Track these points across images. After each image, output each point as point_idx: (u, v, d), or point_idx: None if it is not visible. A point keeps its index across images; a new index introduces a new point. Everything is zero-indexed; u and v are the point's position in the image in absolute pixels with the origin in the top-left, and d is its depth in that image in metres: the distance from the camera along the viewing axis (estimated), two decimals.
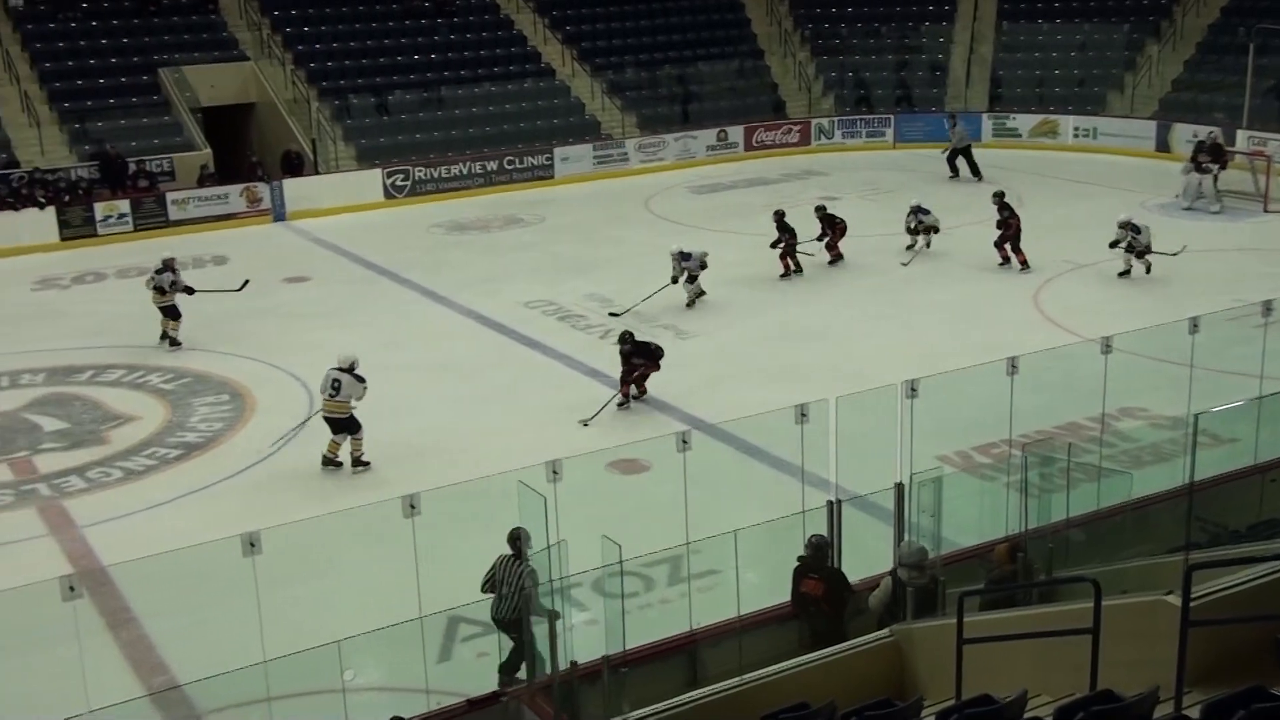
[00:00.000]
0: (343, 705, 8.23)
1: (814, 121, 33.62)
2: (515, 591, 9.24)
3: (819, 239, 21.74)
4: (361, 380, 14.10)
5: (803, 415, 10.19)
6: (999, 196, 21.45)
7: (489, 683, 8.70)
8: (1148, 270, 20.05)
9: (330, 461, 14.13)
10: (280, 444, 14.71)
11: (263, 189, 27.25)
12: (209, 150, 28.16)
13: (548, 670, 8.40)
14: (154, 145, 27.86)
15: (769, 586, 9.79)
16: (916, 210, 22.07)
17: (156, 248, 24.78)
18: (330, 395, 14.06)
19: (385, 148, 29.65)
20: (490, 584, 9.47)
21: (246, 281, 19.83)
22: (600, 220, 26.39)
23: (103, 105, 28.34)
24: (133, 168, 26.80)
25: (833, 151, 31.68)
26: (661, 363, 15.85)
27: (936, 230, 22.05)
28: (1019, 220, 21.14)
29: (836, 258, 21.80)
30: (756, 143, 32.93)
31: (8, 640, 9.70)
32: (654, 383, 16.10)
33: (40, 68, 28.68)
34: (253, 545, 8.74)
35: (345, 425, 14.08)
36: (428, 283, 21.72)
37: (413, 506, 9.12)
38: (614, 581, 8.71)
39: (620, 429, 14.76)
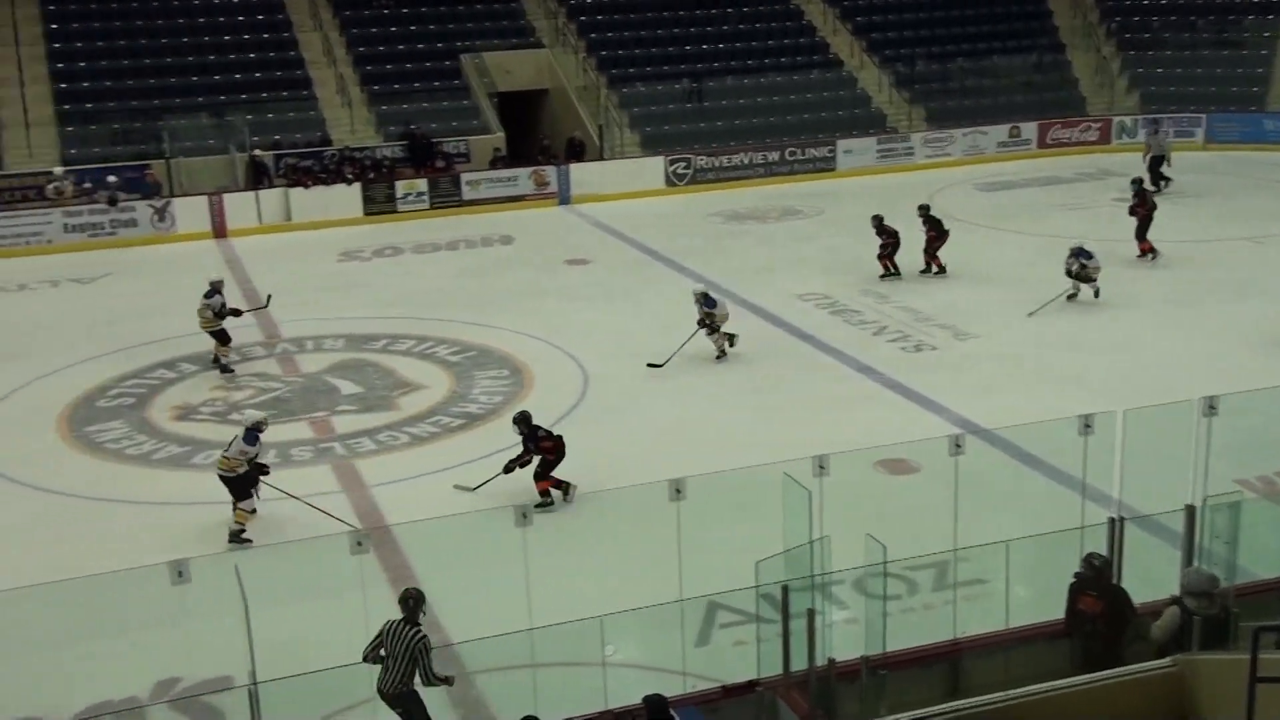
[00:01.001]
0: (602, 679, 8.41)
1: (1115, 119, 32.02)
2: (405, 660, 8.37)
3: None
4: (252, 444, 12.48)
5: (1086, 426, 9.72)
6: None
7: (745, 670, 8.70)
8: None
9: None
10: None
11: (550, 172, 28.15)
12: (502, 134, 29.33)
13: (805, 665, 8.33)
14: (452, 128, 29.24)
15: (1039, 602, 9.40)
16: (1078, 253, 19.07)
17: (451, 225, 26.12)
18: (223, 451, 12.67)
19: (668, 136, 30.10)
20: (376, 652, 8.52)
21: (269, 296, 18.94)
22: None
23: (409, 89, 29.95)
24: (441, 148, 28.26)
25: (1134, 151, 30.05)
26: (556, 456, 12.89)
27: (1093, 280, 19.00)
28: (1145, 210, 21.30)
29: (932, 266, 20.94)
30: (1051, 140, 31.66)
31: (304, 585, 10.40)
32: (928, 382, 15.72)
33: (355, 52, 30.56)
34: (525, 517, 9.05)
35: (232, 486, 12.43)
36: (704, 270, 21.91)
37: (678, 491, 9.22)
38: (876, 582, 8.55)
39: (889, 429, 14.47)
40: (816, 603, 8.29)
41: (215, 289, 17.47)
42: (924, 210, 21.46)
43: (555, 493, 12.86)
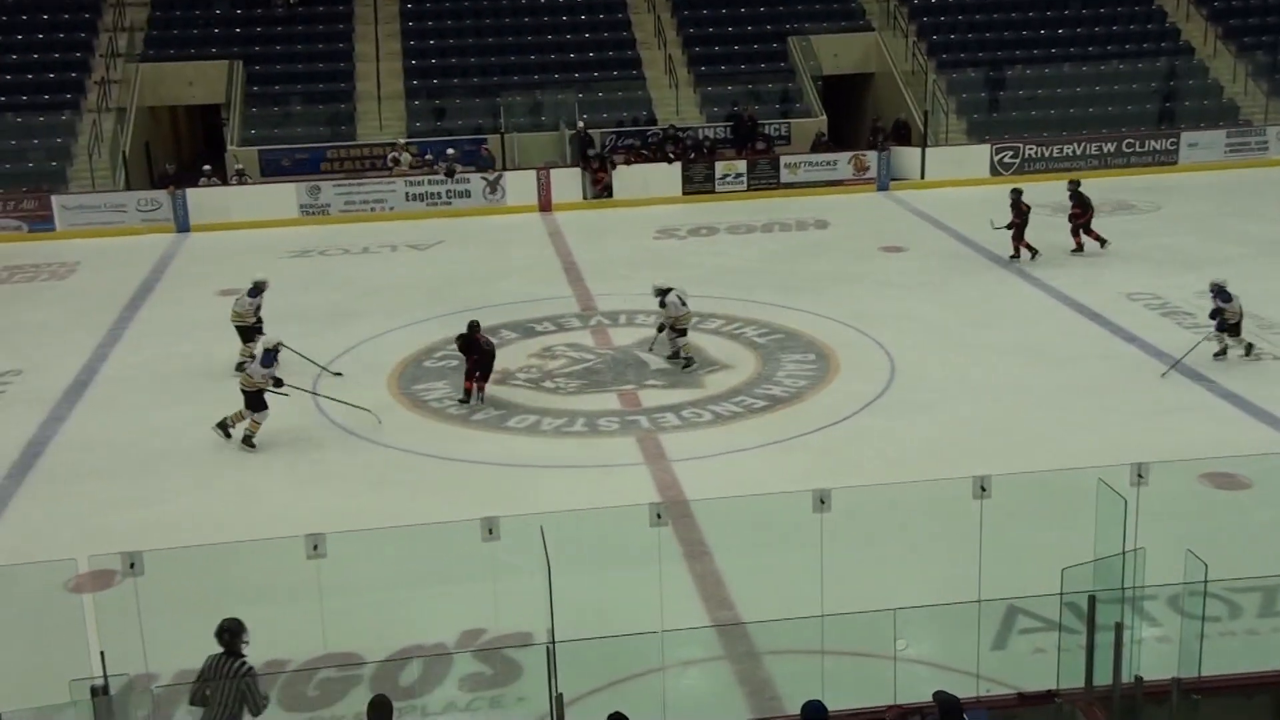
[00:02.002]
0: (892, 672, 8.24)
1: None
2: (233, 697, 7.92)
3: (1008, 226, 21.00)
4: (269, 365, 14.56)
5: None
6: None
7: (1043, 679, 8.31)
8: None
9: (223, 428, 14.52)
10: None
11: (870, 158, 27.71)
12: (824, 117, 29.11)
13: (1109, 680, 7.88)
14: (774, 110, 29.27)
15: None
16: (1217, 292, 15.84)
17: (767, 208, 26.16)
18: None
19: (997, 123, 29.05)
20: (202, 692, 8.05)
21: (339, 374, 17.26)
22: (1225, 213, 24.14)
23: (735, 70, 30.20)
24: (762, 130, 28.39)
25: None
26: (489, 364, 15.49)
27: (1236, 331, 15.79)
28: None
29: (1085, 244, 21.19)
30: None
31: (604, 552, 10.69)
32: (1269, 395, 14.53)
33: (684, 33, 31.06)
34: (822, 502, 8.96)
35: (251, 402, 14.43)
36: (1026, 263, 21.06)
37: (983, 489, 8.90)
38: (1194, 601, 7.98)
39: (1216, 441, 13.45)
40: (1126, 616, 7.81)
41: (259, 288, 17.26)
42: (1073, 186, 21.50)
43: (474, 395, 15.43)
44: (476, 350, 15.61)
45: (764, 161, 27.69)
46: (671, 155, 27.48)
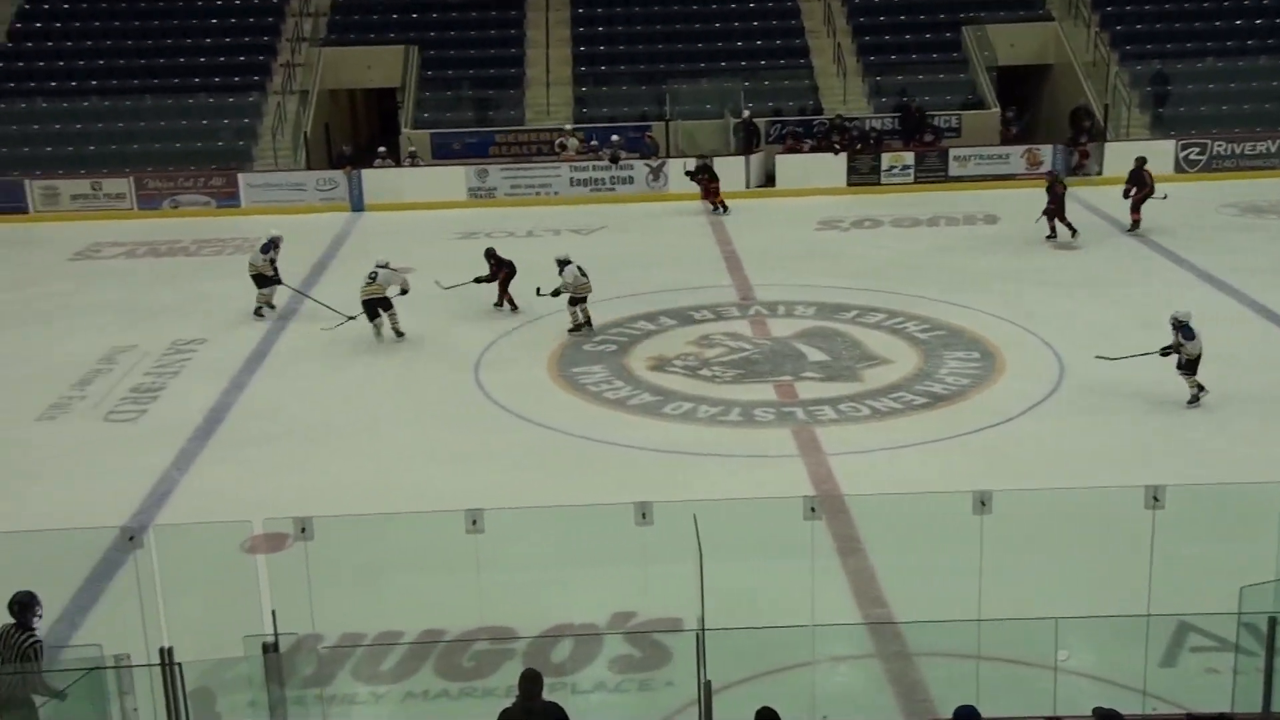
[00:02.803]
0: (1051, 683, 8.03)
1: None
2: (12, 670, 7.87)
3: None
4: (266, 252, 18.86)
5: None
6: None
7: (1215, 701, 7.99)
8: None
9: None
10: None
11: (1045, 151, 26.92)
12: (998, 109, 28.39)
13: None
14: (946, 101, 28.67)
15: None
16: (1179, 326, 14.53)
17: (934, 201, 25.67)
18: (369, 283, 17.60)
19: (1183, 118, 27.90)
20: None
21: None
22: None
23: (905, 60, 29.69)
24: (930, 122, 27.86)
25: None
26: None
27: (1192, 370, 14.43)
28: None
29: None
30: None
31: (757, 542, 10.67)
32: None
33: (855, 22, 30.65)
34: (983, 504, 8.77)
35: (381, 303, 17.59)
36: (1207, 265, 20.20)
37: (1155, 499, 8.60)
38: None
39: None
40: None
41: (272, 243, 19.33)
42: (1141, 162, 22.10)
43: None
44: (507, 266, 18.91)
45: (932, 154, 27.16)
46: (837, 146, 27.17)
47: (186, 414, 15.31)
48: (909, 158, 27.07)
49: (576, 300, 17.87)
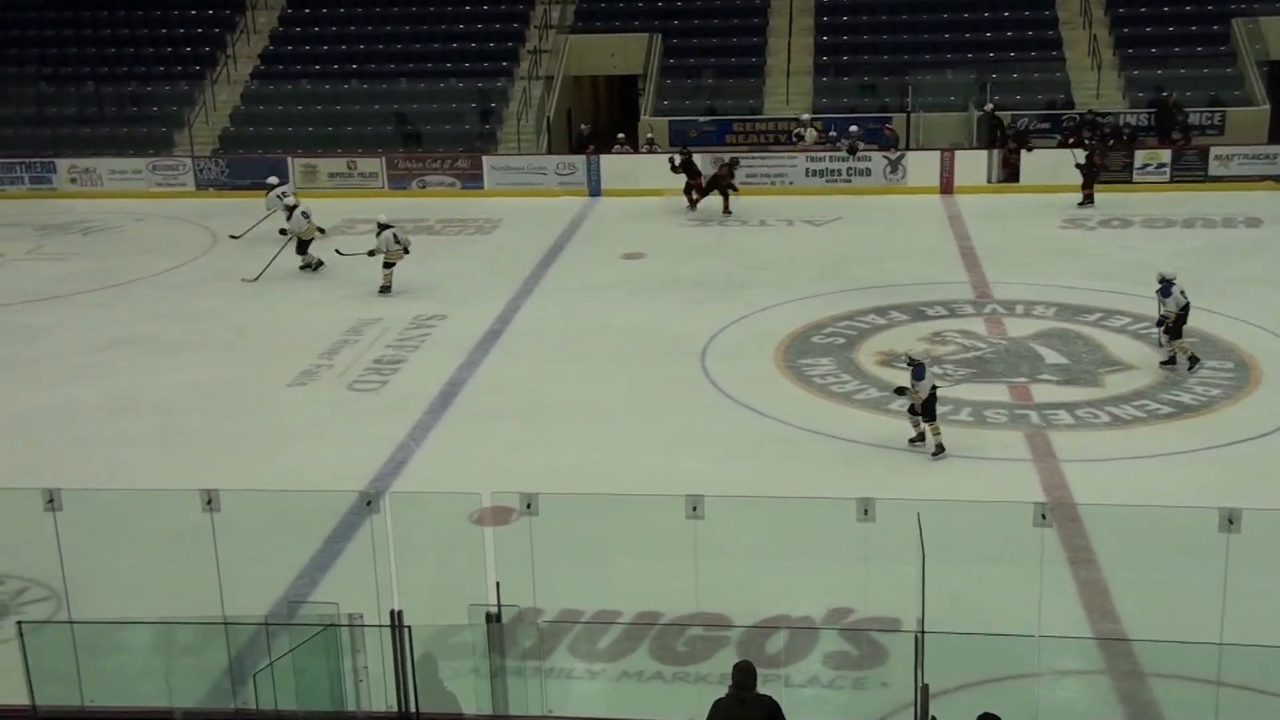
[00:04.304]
0: None
1: None
2: None
3: None
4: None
5: None
6: None
7: None
8: None
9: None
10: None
11: None
12: (1267, 107, 26.65)
13: None
14: (1209, 97, 27.08)
15: None
16: (1161, 284, 15.57)
17: (1190, 201, 24.34)
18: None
19: None
20: None
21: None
22: None
23: (1167, 53, 28.19)
24: (1190, 119, 26.36)
25: None
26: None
27: (1174, 333, 15.41)
28: None
29: None
30: None
31: (982, 547, 10.35)
32: None
33: (1113, 14, 29.30)
34: (1230, 522, 8.26)
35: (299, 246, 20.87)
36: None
37: None
38: None
39: None
40: None
41: (306, 216, 21.53)
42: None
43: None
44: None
45: (1191, 152, 25.69)
46: (1088, 142, 26.02)
47: (424, 387, 15.93)
48: (1165, 155, 25.69)
49: (388, 264, 20.05)
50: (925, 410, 13.46)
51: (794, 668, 9.49)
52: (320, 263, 21.46)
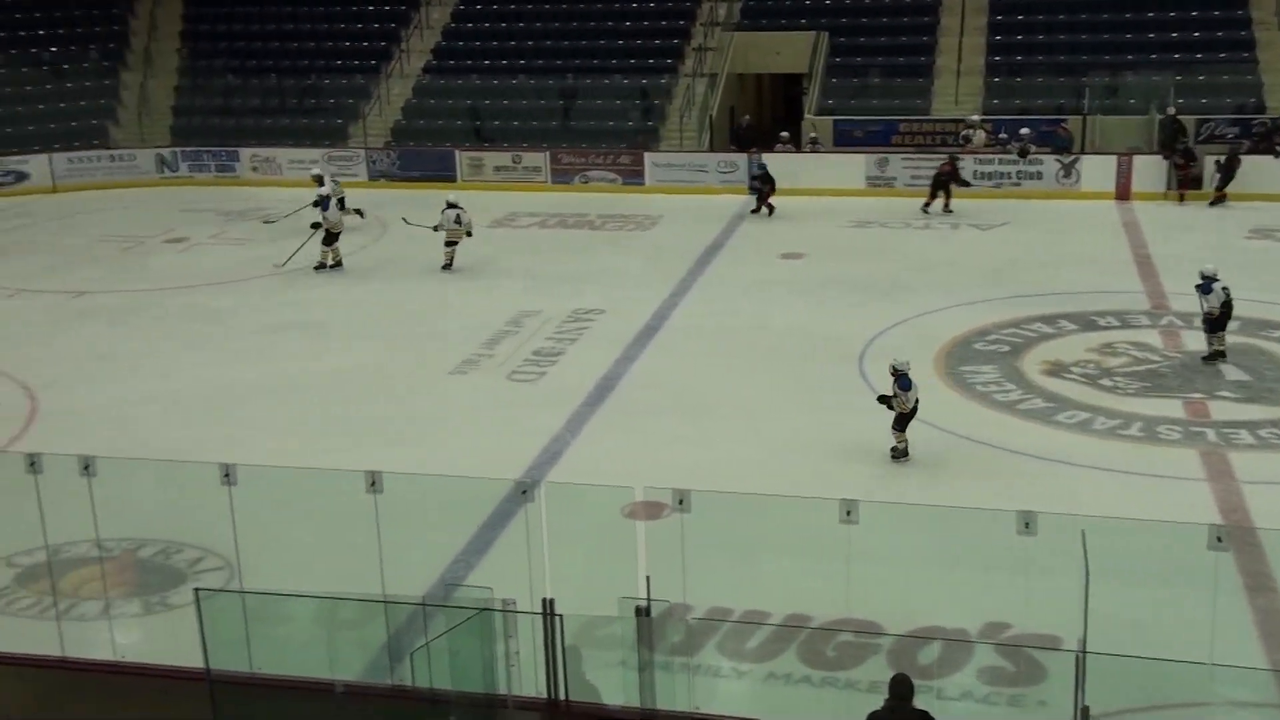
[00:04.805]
0: None
1: None
2: None
3: None
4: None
5: None
6: None
7: None
8: None
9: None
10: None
11: None
12: None
13: None
14: None
15: None
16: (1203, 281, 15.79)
17: None
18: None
19: None
20: None
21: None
22: None
23: None
24: None
25: None
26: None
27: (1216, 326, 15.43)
28: None
29: None
30: None
31: (1151, 567, 9.95)
32: None
33: None
34: None
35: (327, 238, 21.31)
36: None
37: None
38: None
39: None
40: None
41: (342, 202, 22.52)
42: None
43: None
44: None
45: None
46: (1278, 148, 24.80)
47: (581, 380, 16.08)
48: None
49: (451, 243, 21.15)
50: (900, 420, 13.22)
51: (947, 680, 9.28)
52: (339, 263, 21.62)
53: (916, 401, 13.30)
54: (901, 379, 13.32)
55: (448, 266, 21.20)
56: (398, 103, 30.61)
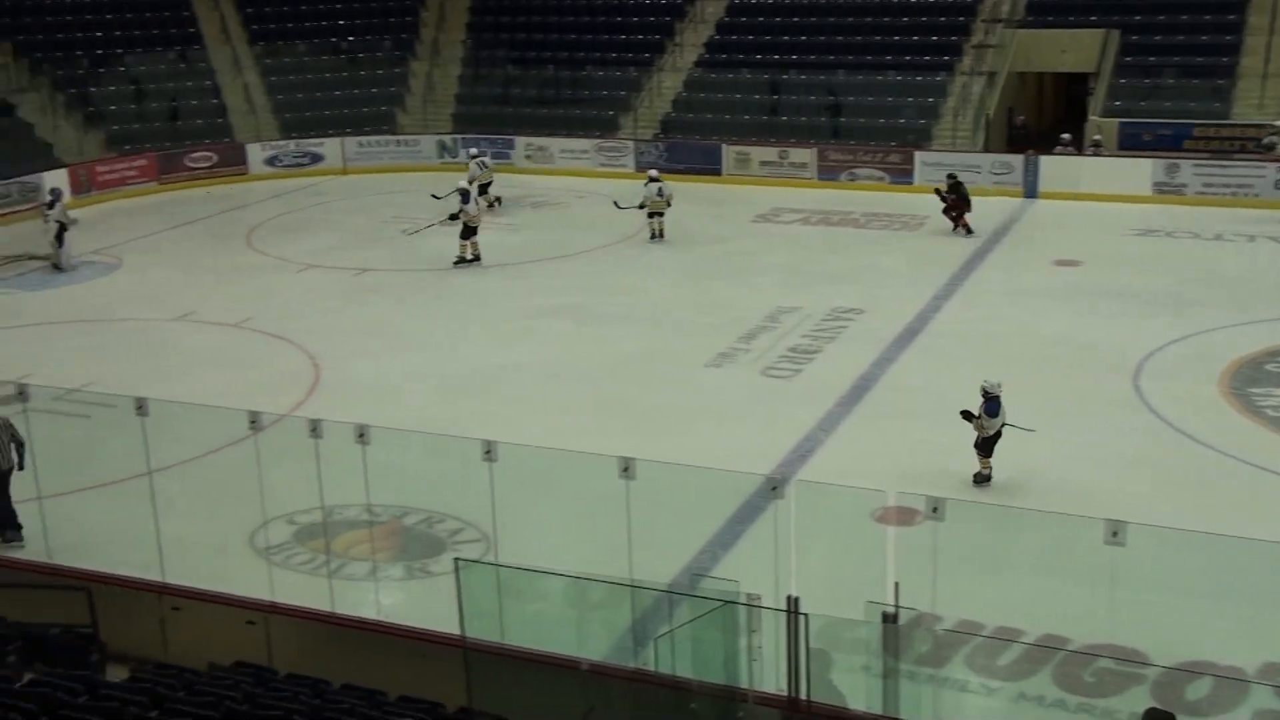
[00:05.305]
0: None
1: None
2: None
3: None
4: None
5: None
6: None
7: None
8: None
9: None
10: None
11: None
12: None
13: None
14: None
15: None
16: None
17: None
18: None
19: None
20: None
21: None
22: None
23: None
24: None
25: None
26: None
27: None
28: None
29: None
30: None
31: None
32: None
33: None
34: None
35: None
36: None
37: None
38: None
39: None
40: None
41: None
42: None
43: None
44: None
45: None
46: None
47: (837, 379, 15.88)
48: None
49: (654, 214, 22.68)
50: (984, 445, 12.55)
51: None
52: (478, 257, 21.79)
53: (1003, 426, 12.68)
54: (990, 402, 12.71)
55: (656, 237, 22.63)
56: (668, 95, 31.01)
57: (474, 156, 26.09)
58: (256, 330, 18.59)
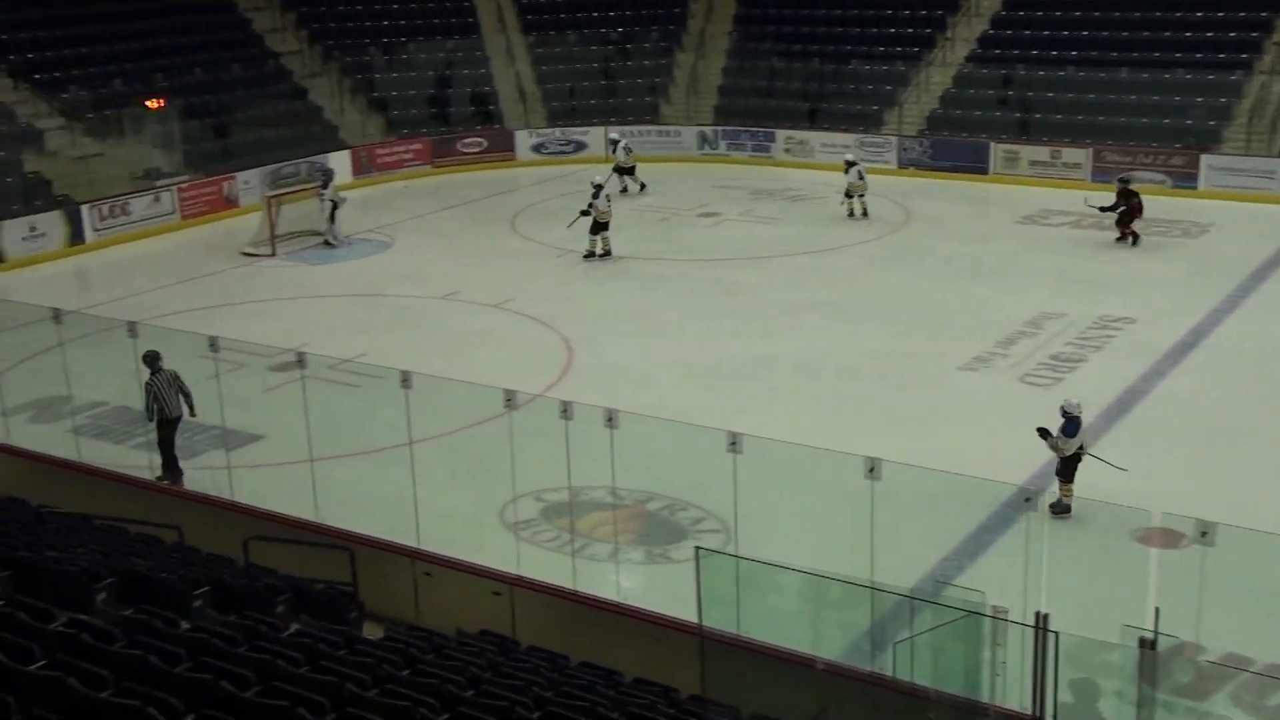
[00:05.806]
0: None
1: None
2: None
3: None
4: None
5: None
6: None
7: None
8: None
9: None
10: None
11: None
12: None
13: None
14: None
15: None
16: None
17: None
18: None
19: None
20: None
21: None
22: None
23: None
24: None
25: None
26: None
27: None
28: None
29: None
30: None
31: None
32: None
33: None
34: None
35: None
36: None
37: None
38: None
39: None
40: None
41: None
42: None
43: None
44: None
45: None
46: None
47: (1101, 391, 15.14)
48: None
49: (850, 195, 23.85)
50: (1064, 468, 11.67)
51: None
52: (608, 252, 21.81)
53: (1081, 448, 11.86)
54: (1070, 423, 11.94)
55: (854, 215, 23.77)
56: (936, 91, 30.23)
57: (618, 143, 27.18)
58: (516, 312, 19.21)
